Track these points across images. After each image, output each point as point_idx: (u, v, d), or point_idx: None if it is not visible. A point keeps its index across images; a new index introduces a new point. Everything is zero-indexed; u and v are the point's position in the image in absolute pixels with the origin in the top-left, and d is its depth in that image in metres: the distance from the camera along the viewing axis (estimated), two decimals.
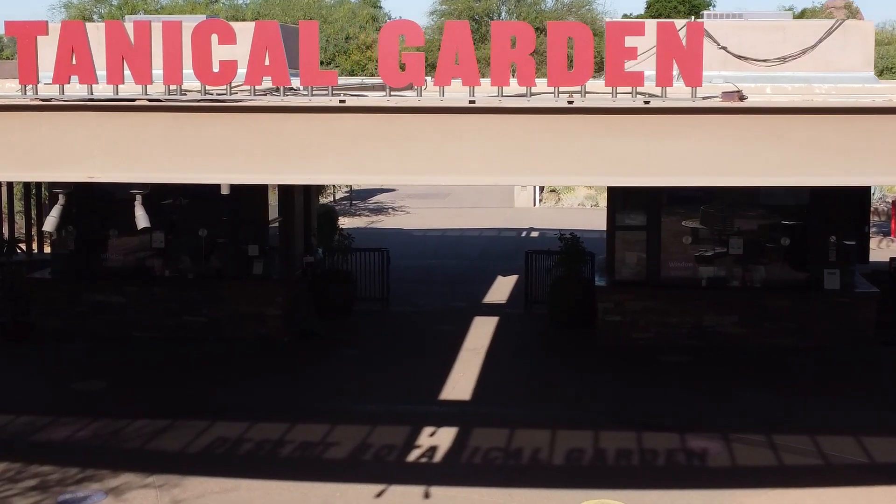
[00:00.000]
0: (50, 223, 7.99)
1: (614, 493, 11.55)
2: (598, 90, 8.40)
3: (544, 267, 19.59)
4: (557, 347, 17.59)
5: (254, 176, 7.89)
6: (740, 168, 7.57)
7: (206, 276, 18.07)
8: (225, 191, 7.99)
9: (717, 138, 7.57)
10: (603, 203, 36.37)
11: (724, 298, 17.25)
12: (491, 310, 20.11)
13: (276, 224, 18.36)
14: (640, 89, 8.16)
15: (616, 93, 8.26)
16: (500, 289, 22.03)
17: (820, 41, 15.52)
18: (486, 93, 8.18)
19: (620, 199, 18.00)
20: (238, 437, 13.09)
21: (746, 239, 17.36)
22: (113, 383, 15.46)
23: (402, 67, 8.12)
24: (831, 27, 15.73)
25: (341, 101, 8.01)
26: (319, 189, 29.28)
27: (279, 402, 14.56)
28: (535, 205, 37.15)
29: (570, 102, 8.23)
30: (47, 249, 20.30)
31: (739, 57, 14.33)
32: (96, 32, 8.42)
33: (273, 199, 18.23)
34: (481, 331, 18.48)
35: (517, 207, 36.20)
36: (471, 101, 8.28)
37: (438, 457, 12.58)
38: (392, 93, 8.45)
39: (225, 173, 7.70)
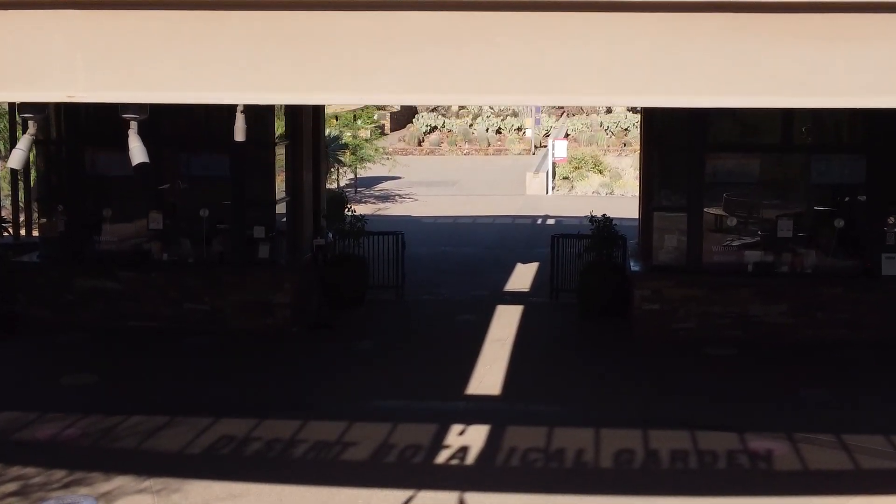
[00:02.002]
0: (16, 157, 6.16)
1: (674, 499, 10.22)
2: None
3: (572, 252, 18.18)
4: (590, 337, 16.20)
5: (286, 95, 5.87)
6: None
7: (208, 260, 16.64)
8: (239, 136, 6.43)
9: None
10: (619, 191, 35.22)
11: (771, 286, 15.83)
12: (514, 298, 18.69)
13: (283, 204, 16.94)
14: None
15: None
16: (522, 277, 20.62)
17: None
18: None
19: (658, 177, 16.63)
20: (245, 436, 11.73)
21: (796, 221, 15.96)
22: (105, 377, 14.06)
23: None
24: None
25: None
26: (328, 169, 27.84)
27: (289, 398, 13.20)
28: (547, 192, 35.90)
29: None
30: (35, 232, 18.89)
31: None
32: None
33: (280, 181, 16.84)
34: (506, 320, 17.08)
35: (529, 195, 34.91)
36: None
37: (471, 458, 11.22)
38: None
39: (247, 92, 5.71)
